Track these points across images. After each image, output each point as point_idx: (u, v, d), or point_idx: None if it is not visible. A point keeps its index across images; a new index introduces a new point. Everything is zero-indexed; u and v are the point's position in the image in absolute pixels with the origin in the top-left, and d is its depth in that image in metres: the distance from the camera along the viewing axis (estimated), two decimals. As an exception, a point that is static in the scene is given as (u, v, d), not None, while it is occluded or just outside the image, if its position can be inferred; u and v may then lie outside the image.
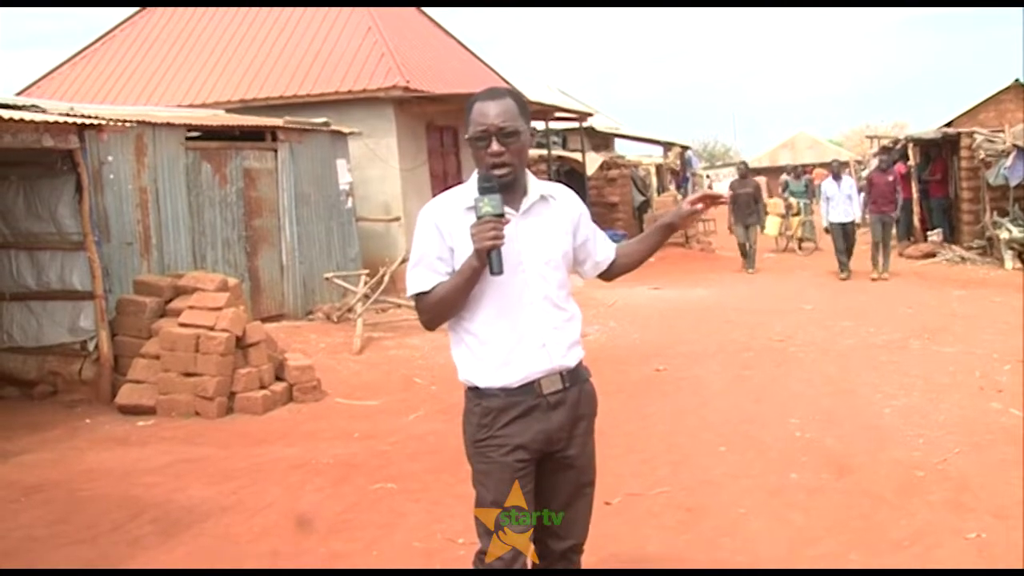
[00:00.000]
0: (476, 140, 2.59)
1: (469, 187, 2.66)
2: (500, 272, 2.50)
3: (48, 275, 8.13)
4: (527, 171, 2.70)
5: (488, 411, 2.68)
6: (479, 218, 2.49)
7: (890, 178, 13.65)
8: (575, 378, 2.71)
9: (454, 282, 2.59)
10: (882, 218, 13.51)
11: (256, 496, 5.16)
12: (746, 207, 15.18)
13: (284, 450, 6.12)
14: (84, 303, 7.96)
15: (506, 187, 2.59)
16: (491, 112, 2.58)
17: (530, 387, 2.65)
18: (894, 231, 14.91)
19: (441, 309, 2.65)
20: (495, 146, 2.56)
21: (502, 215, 2.49)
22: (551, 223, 2.69)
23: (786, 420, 6.19)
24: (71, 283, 8.04)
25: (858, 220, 13.98)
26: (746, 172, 16.31)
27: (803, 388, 7.16)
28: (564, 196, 2.79)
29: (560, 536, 2.79)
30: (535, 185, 2.70)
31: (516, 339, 2.63)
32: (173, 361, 7.22)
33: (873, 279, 13.30)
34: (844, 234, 13.84)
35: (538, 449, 2.67)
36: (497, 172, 2.58)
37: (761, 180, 20.37)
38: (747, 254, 15.48)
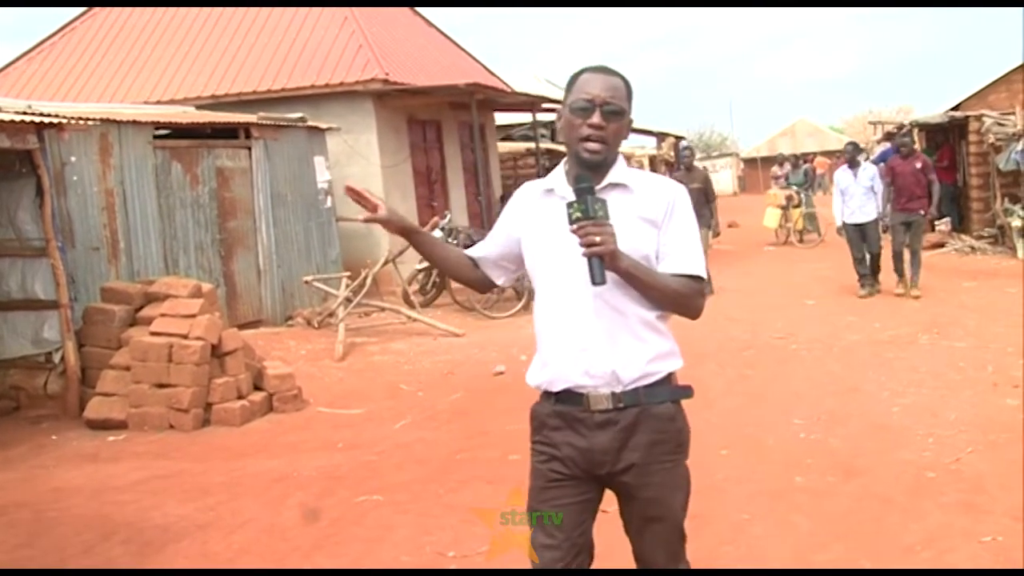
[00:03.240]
0: (577, 109, 2.49)
1: (552, 175, 2.64)
2: (602, 282, 2.39)
3: (8, 283, 8.09)
4: (620, 159, 2.59)
5: (536, 416, 2.66)
6: (572, 222, 2.38)
7: (917, 165, 11.18)
8: (634, 398, 2.50)
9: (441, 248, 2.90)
10: (907, 218, 11.02)
11: (235, 512, 5.14)
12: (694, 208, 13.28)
13: (264, 463, 6.11)
14: (48, 313, 7.92)
15: (592, 168, 2.51)
16: (600, 84, 2.50)
17: (577, 398, 2.53)
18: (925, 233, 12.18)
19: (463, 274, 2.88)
20: (596, 118, 2.47)
21: (594, 218, 2.36)
22: (622, 215, 2.46)
23: (790, 421, 6.20)
24: (33, 292, 8.00)
25: (883, 218, 11.25)
26: (692, 161, 13.04)
27: (807, 387, 7.18)
28: (648, 187, 2.57)
29: (639, 561, 2.69)
30: (615, 172, 2.55)
31: (557, 338, 2.56)
32: (145, 372, 7.19)
33: (898, 295, 11.01)
34: (863, 237, 11.30)
35: (579, 467, 2.56)
36: (589, 146, 2.48)
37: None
38: None
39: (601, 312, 2.50)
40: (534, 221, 2.60)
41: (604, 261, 2.37)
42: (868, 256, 11.35)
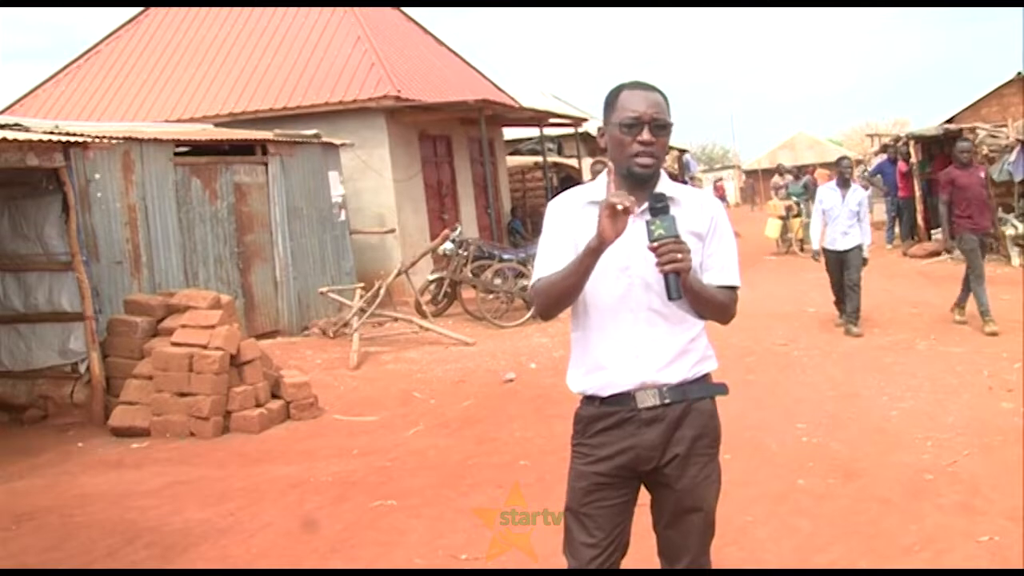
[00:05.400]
0: (627, 127, 2.51)
1: (596, 186, 2.65)
2: (678, 297, 2.43)
3: (36, 297, 8.14)
4: (662, 172, 2.61)
5: (581, 418, 2.66)
6: (653, 239, 2.39)
7: (981, 173, 9.47)
8: (681, 394, 2.56)
9: (563, 271, 2.53)
10: (982, 239, 9.38)
11: (253, 517, 5.16)
12: None
13: (281, 469, 6.12)
14: (74, 324, 7.96)
15: (643, 181, 2.53)
16: (644, 101, 2.52)
17: (624, 398, 2.56)
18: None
19: (547, 296, 2.59)
20: (646, 135, 2.50)
21: (677, 236, 2.39)
22: None
23: (791, 425, 6.20)
24: (60, 304, 8.05)
25: (865, 248, 9.60)
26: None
27: (808, 392, 7.17)
28: (693, 202, 2.62)
29: (665, 556, 2.70)
30: (662, 186, 2.58)
31: (609, 347, 2.57)
32: (166, 381, 7.22)
33: (989, 333, 8.72)
34: (843, 266, 9.57)
35: (625, 466, 2.57)
36: (641, 161, 2.51)
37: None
38: None
39: (654, 321, 2.55)
40: (584, 232, 2.51)
41: (680, 277, 2.41)
42: (847, 285, 9.49)
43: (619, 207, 2.34)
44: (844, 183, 9.69)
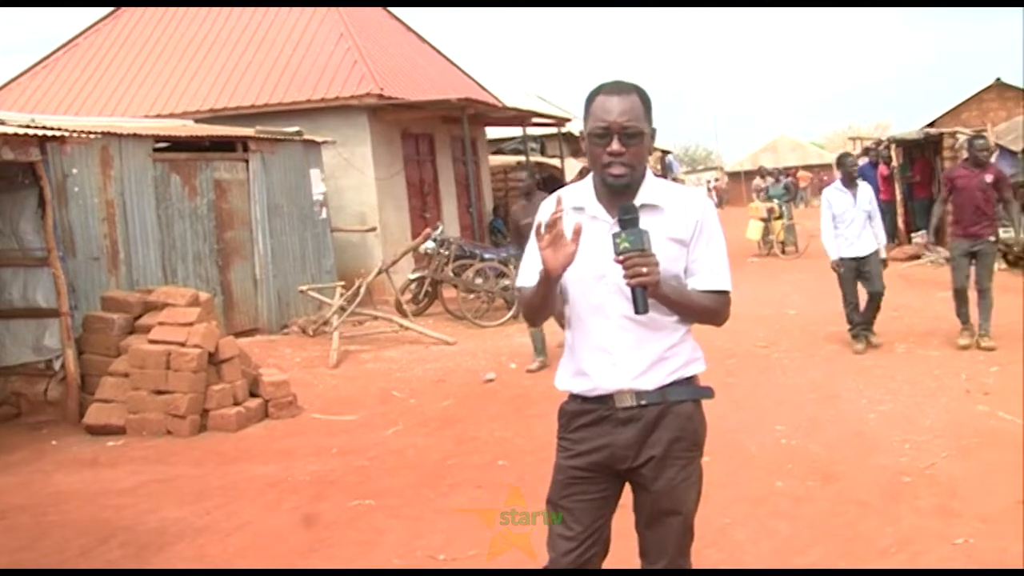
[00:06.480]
0: (596, 136, 2.49)
1: (579, 189, 2.63)
2: (644, 311, 2.41)
3: (10, 292, 8.06)
4: (647, 173, 2.58)
5: (564, 413, 2.69)
6: (619, 253, 2.38)
7: (988, 178, 8.33)
8: (659, 396, 2.56)
9: (532, 289, 2.57)
10: (973, 246, 8.32)
11: (230, 516, 5.13)
12: None
13: (259, 468, 6.09)
14: (49, 321, 7.89)
15: (619, 191, 2.51)
16: (615, 108, 2.47)
17: (603, 398, 2.58)
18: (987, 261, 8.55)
19: (527, 308, 2.68)
20: (615, 145, 2.46)
21: (644, 249, 2.37)
22: (653, 237, 2.43)
23: (771, 427, 6.23)
24: (35, 300, 7.97)
25: (882, 250, 8.73)
26: (532, 187, 9.30)
27: (788, 394, 7.21)
28: (679, 205, 2.56)
29: (645, 556, 2.70)
30: (645, 191, 2.54)
31: (589, 353, 2.58)
32: (143, 379, 7.17)
33: (962, 347, 8.24)
34: (861, 275, 8.63)
35: (600, 463, 2.59)
36: (612, 172, 2.48)
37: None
38: (534, 336, 8.63)
39: (630, 328, 2.54)
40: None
41: (647, 290, 2.40)
42: (869, 297, 8.68)
43: (547, 228, 2.36)
44: (851, 182, 8.69)
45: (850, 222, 8.52)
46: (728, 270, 2.62)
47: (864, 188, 8.69)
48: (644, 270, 2.36)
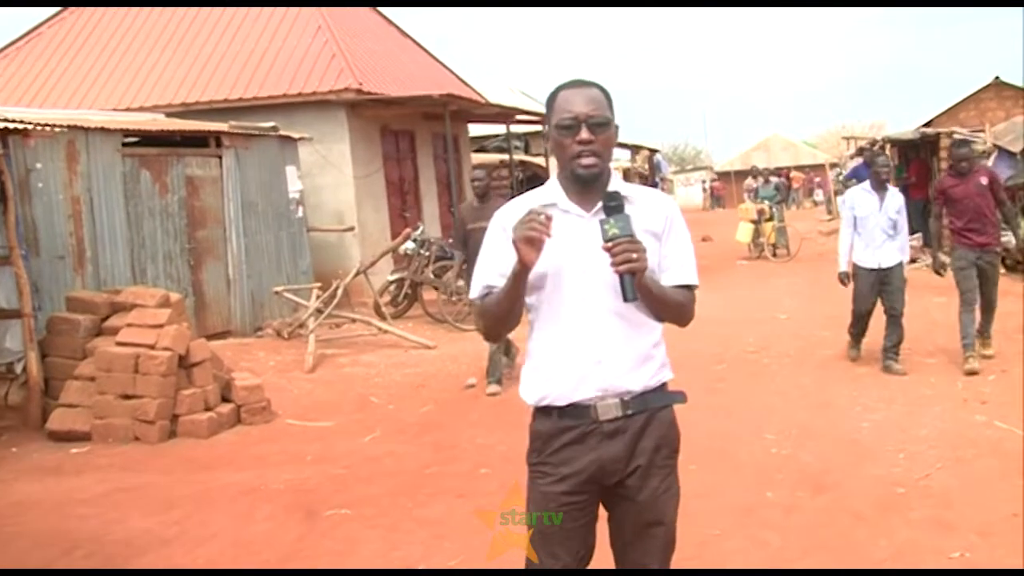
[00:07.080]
0: (563, 128, 2.53)
1: (546, 190, 2.63)
2: (634, 299, 2.42)
3: (-29, 292, 7.98)
4: (613, 171, 2.61)
5: (539, 435, 2.62)
6: (607, 239, 2.38)
7: (983, 180, 7.94)
8: (643, 403, 2.56)
9: (496, 296, 2.55)
10: (980, 257, 7.91)
11: (200, 526, 5.09)
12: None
13: (231, 476, 6.06)
14: (10, 322, 7.83)
15: (589, 182, 2.52)
16: (580, 99, 2.53)
17: (583, 411, 2.54)
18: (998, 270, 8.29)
19: (489, 317, 2.62)
20: (584, 133, 2.50)
21: (632, 235, 2.38)
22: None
23: (761, 435, 6.24)
24: (-4, 301, 7.89)
25: (906, 262, 8.16)
26: (488, 188, 8.72)
27: (778, 401, 7.23)
28: (646, 200, 2.62)
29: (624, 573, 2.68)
30: (614, 185, 2.57)
31: (569, 352, 2.54)
32: (110, 383, 7.12)
33: (970, 371, 7.64)
34: (881, 289, 8.04)
35: (590, 480, 2.56)
36: (584, 162, 2.51)
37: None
38: (494, 357, 8.22)
39: (615, 324, 2.54)
40: None
41: (635, 278, 2.40)
42: (889, 318, 8.06)
43: (537, 225, 2.33)
44: (880, 185, 8.02)
45: (871, 229, 7.97)
46: (695, 266, 2.65)
47: (894, 194, 8.10)
48: (634, 256, 2.37)
